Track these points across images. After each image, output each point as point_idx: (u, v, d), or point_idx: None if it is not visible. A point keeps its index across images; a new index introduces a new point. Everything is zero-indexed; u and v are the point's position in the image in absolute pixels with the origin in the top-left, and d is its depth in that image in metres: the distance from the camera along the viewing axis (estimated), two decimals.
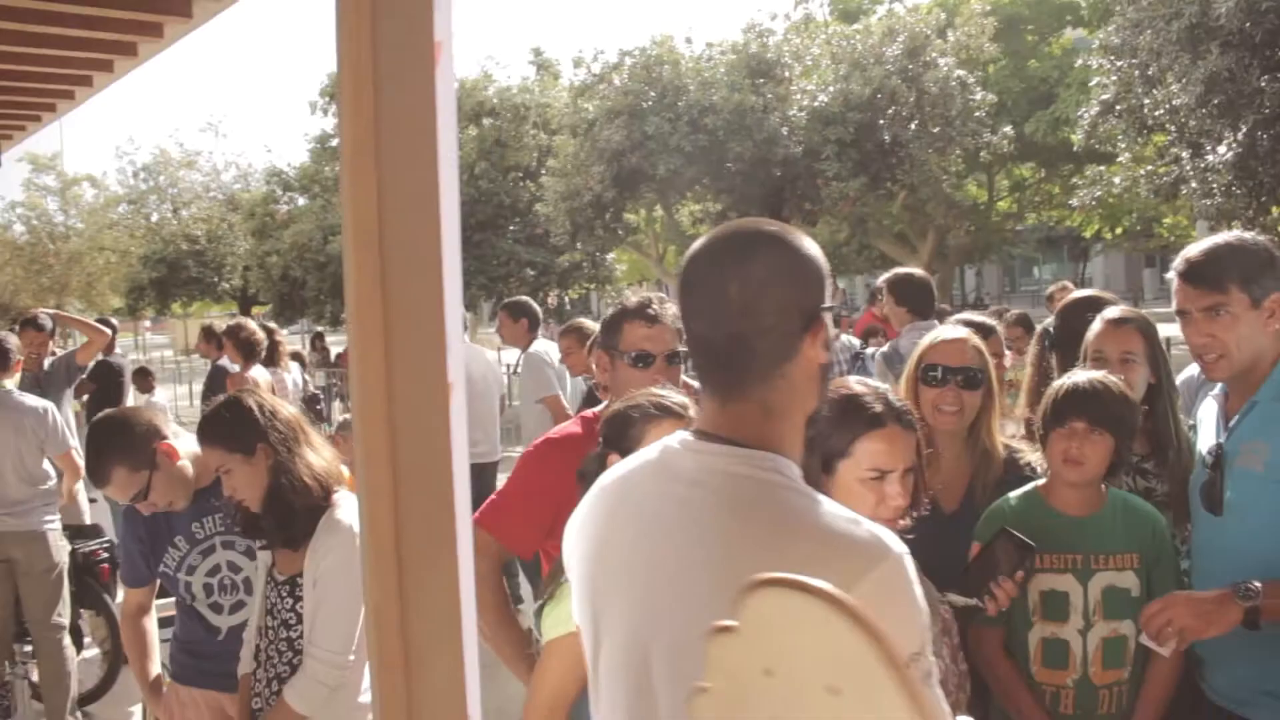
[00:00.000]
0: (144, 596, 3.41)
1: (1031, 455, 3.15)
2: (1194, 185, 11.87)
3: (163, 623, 3.57)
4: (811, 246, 1.62)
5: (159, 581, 3.37)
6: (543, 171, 23.31)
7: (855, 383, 2.37)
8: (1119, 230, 31.40)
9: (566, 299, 29.19)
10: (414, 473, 1.54)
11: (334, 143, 29.10)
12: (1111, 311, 3.39)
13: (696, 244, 1.65)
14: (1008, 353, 5.31)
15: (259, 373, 7.51)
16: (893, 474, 2.26)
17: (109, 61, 3.03)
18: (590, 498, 1.75)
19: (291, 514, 2.83)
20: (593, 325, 6.13)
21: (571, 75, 23.99)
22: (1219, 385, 3.04)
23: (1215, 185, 11.33)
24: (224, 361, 8.67)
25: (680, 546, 1.54)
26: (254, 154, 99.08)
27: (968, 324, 3.78)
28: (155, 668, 3.41)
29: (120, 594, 4.72)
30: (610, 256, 27.34)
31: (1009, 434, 3.35)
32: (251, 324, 7.83)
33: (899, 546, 1.45)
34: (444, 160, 1.51)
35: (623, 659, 1.60)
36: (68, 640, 5.51)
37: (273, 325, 8.00)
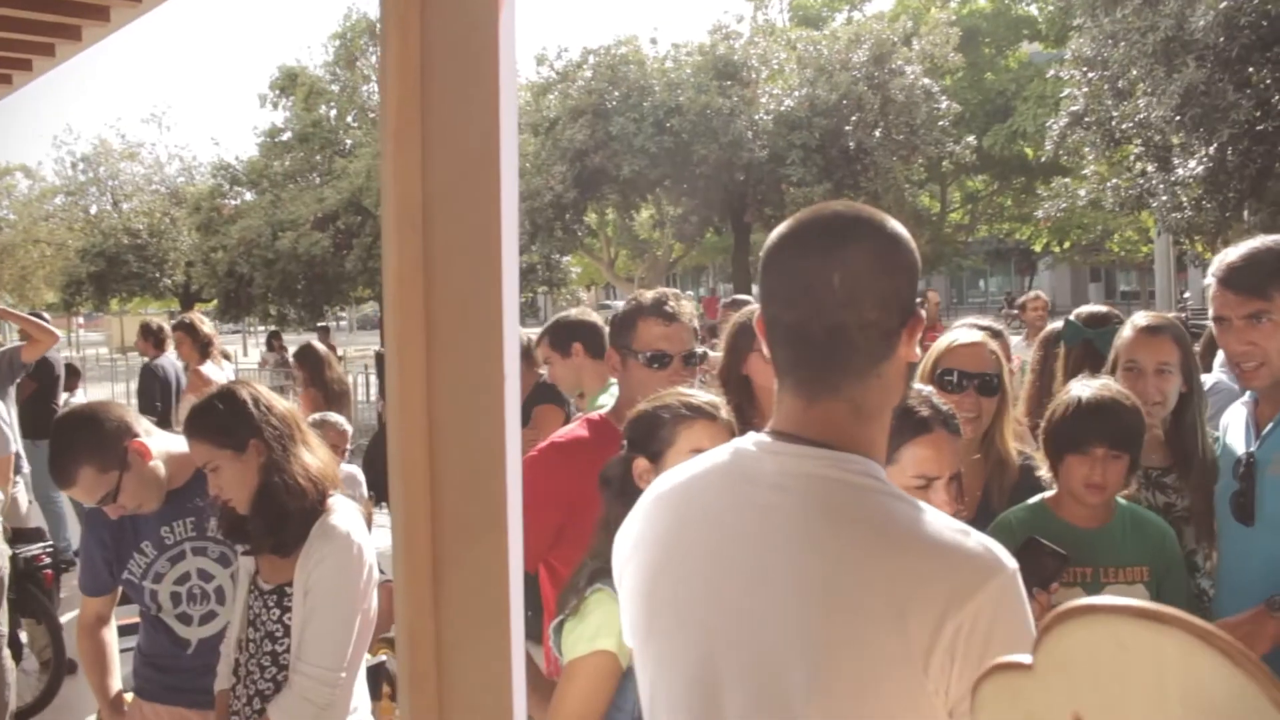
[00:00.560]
0: (103, 606, 3.17)
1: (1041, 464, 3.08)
2: (1162, 198, 11.95)
3: (121, 632, 3.34)
4: (908, 236, 1.49)
5: (120, 590, 3.14)
6: None
7: None
8: (1067, 244, 31.87)
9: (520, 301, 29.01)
10: (458, 474, 1.37)
11: (284, 137, 28.72)
12: (1144, 319, 3.30)
13: (786, 226, 1.50)
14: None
15: (211, 370, 7.25)
16: (939, 480, 2.17)
17: (27, 61, 2.94)
18: (646, 506, 1.59)
19: (284, 517, 2.62)
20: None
21: (534, 73, 23.84)
22: (1248, 393, 2.97)
23: (1185, 199, 11.41)
24: (162, 360, 8.41)
25: (763, 557, 1.39)
26: (199, 147, 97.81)
27: (979, 328, 3.69)
28: (116, 683, 3.16)
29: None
30: (566, 259, 27.21)
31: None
32: (205, 321, 7.58)
33: (1011, 561, 1.33)
34: (505, 124, 1.33)
35: (689, 678, 1.45)
36: (5, 652, 5.21)
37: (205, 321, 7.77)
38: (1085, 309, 3.90)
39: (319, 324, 23.29)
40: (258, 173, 28.72)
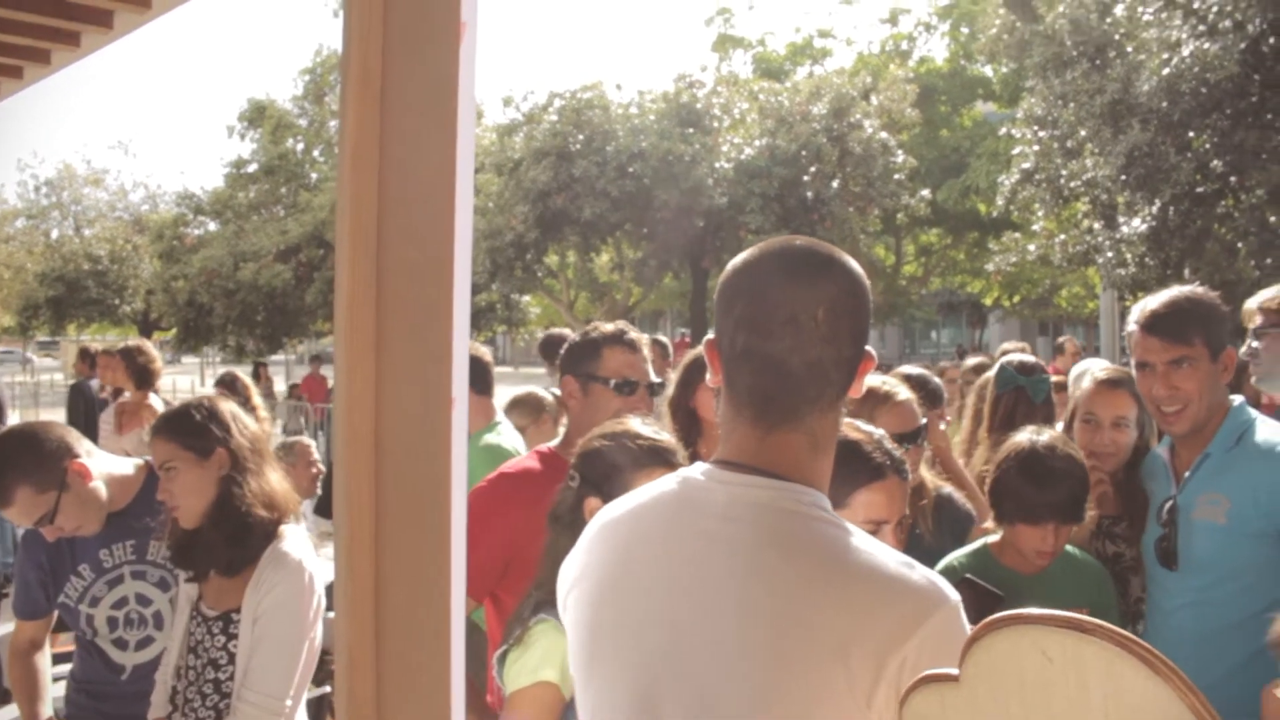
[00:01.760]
0: (38, 630, 3.10)
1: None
2: (1108, 255, 12.19)
3: (56, 659, 3.28)
4: (861, 272, 1.52)
5: (56, 614, 3.08)
6: None
7: (850, 428, 2.27)
8: (1016, 298, 32.29)
9: (477, 339, 28.87)
10: (403, 497, 1.38)
11: (250, 168, 28.60)
12: (1103, 372, 3.37)
13: (755, 255, 1.50)
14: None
15: (155, 401, 7.16)
16: (888, 525, 2.18)
17: (19, 68, 2.84)
18: (593, 534, 1.59)
19: (242, 531, 2.59)
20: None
21: (500, 114, 23.94)
22: (1164, 440, 3.04)
23: (1129, 256, 11.65)
24: (93, 381, 8.34)
25: (708, 586, 1.39)
26: (164, 175, 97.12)
27: (907, 378, 3.79)
28: (46, 709, 3.09)
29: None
30: (525, 299, 27.16)
31: None
32: (152, 349, 7.50)
33: (954, 594, 1.35)
34: (462, 151, 1.36)
35: (630, 705, 1.44)
36: None
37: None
38: (1016, 358, 4.01)
39: (258, 360, 23.11)
40: (222, 203, 28.52)
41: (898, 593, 1.32)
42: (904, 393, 3.14)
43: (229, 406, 2.73)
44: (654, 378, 3.01)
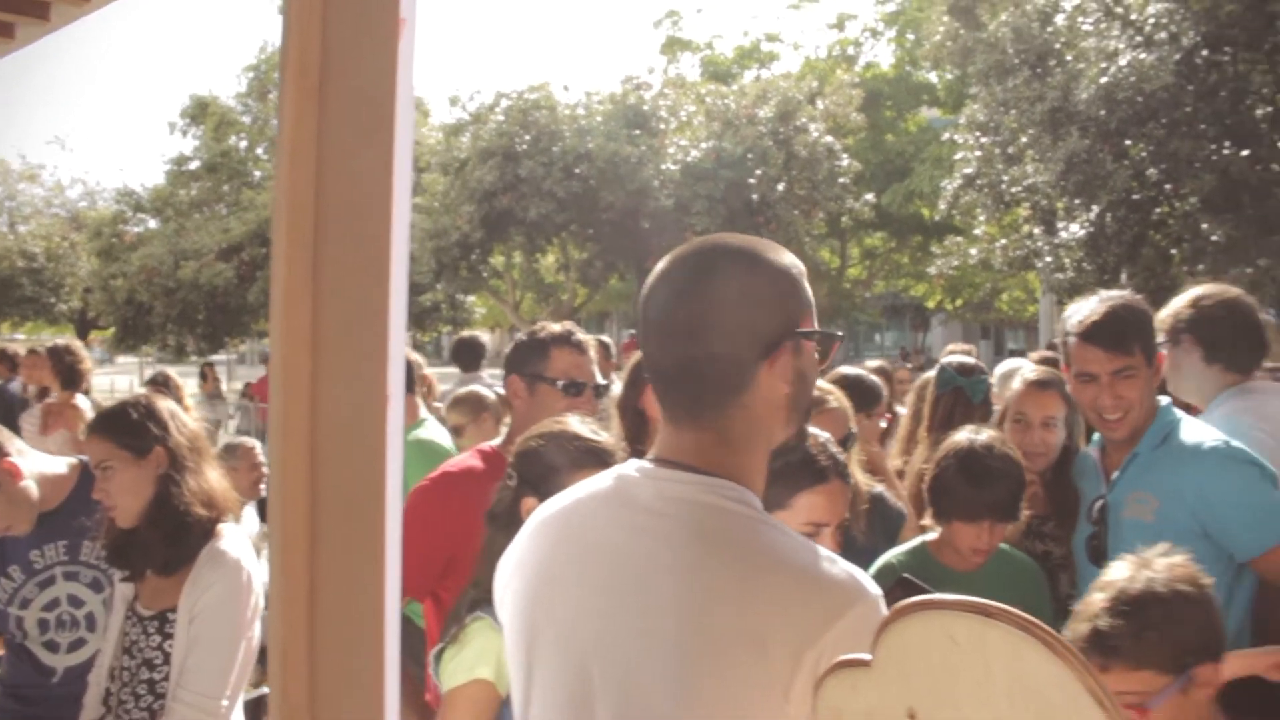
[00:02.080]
0: None
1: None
2: (1047, 259, 12.40)
3: None
4: (783, 267, 1.50)
5: None
6: None
7: None
8: (959, 302, 32.70)
9: (421, 340, 28.68)
10: (338, 494, 1.38)
11: (192, 165, 28.20)
12: (1033, 373, 3.43)
13: (663, 261, 1.53)
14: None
15: (82, 401, 7.05)
16: (828, 528, 2.20)
17: None
18: (529, 531, 1.60)
19: (180, 530, 2.56)
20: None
21: (446, 113, 23.82)
22: (1095, 439, 3.10)
23: (1067, 260, 11.85)
24: (14, 384, 8.26)
25: (637, 580, 1.41)
26: (103, 171, 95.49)
27: (844, 379, 3.84)
28: None
29: None
30: (470, 299, 27.03)
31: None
32: (81, 349, 7.38)
33: (874, 589, 1.37)
34: (400, 148, 1.36)
35: (563, 698, 1.46)
36: None
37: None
38: (955, 359, 4.06)
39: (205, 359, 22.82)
40: (163, 200, 28.07)
41: (817, 586, 1.34)
42: (835, 400, 3.18)
43: (167, 405, 2.70)
44: (599, 379, 3.02)
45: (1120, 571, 2.13)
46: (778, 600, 1.33)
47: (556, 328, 3.03)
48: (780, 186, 19.73)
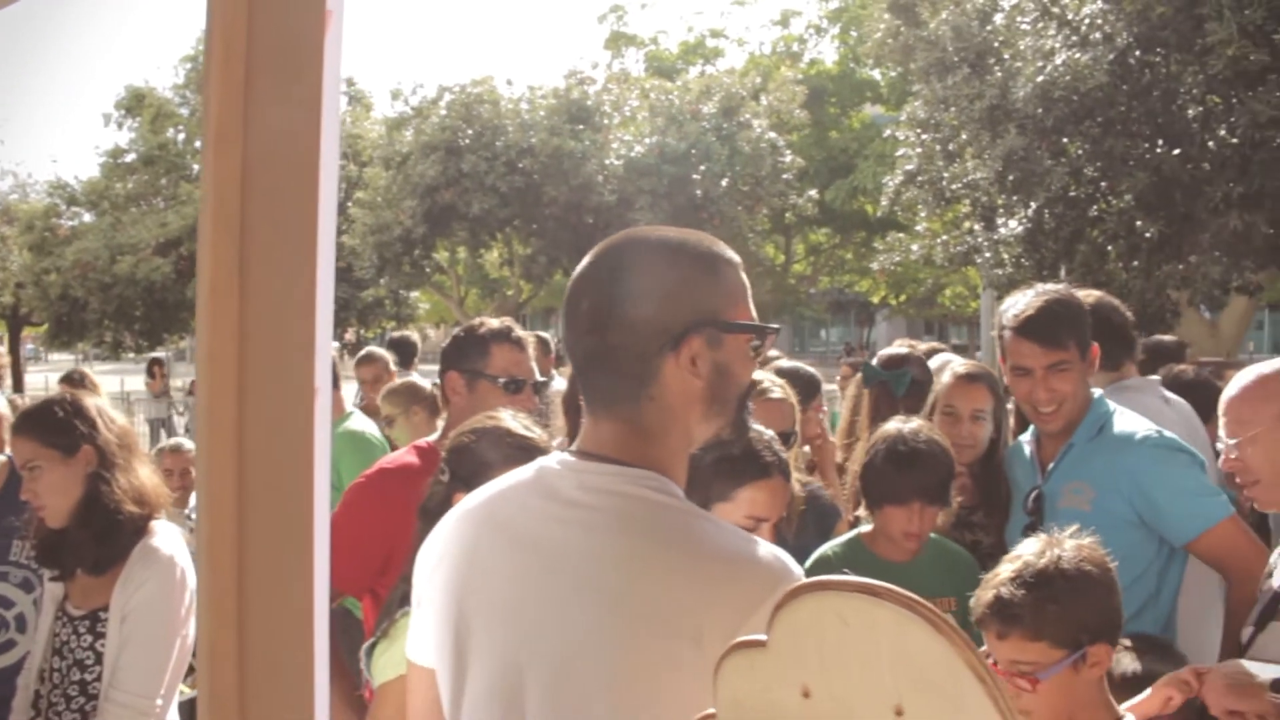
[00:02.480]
0: None
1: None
2: (986, 255, 12.57)
3: None
4: (698, 256, 1.49)
5: None
6: (350, 203, 22.77)
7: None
8: (904, 297, 33.05)
9: (364, 336, 28.44)
10: (266, 487, 1.37)
11: (128, 158, 27.70)
12: (962, 367, 3.48)
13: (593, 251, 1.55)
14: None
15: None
16: (766, 524, 2.23)
17: None
18: (452, 522, 1.60)
19: (111, 529, 2.52)
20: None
21: (388, 108, 23.64)
22: (1029, 431, 3.16)
23: (1006, 256, 12.01)
24: None
25: (564, 570, 1.42)
26: (35, 163, 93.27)
27: (779, 372, 3.86)
28: None
29: None
30: (414, 295, 26.84)
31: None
32: None
33: (799, 569, 1.40)
34: (326, 140, 1.35)
35: (491, 689, 1.46)
36: None
37: None
38: (884, 351, 4.12)
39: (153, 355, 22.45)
40: (98, 194, 27.52)
41: (742, 569, 1.36)
42: (779, 391, 3.19)
43: (94, 401, 2.65)
44: (539, 376, 3.01)
45: (1030, 547, 2.19)
46: (705, 584, 1.35)
47: (495, 323, 3.02)
48: (724, 182, 19.80)
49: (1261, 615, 2.45)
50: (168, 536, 2.58)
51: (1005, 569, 2.14)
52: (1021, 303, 2.99)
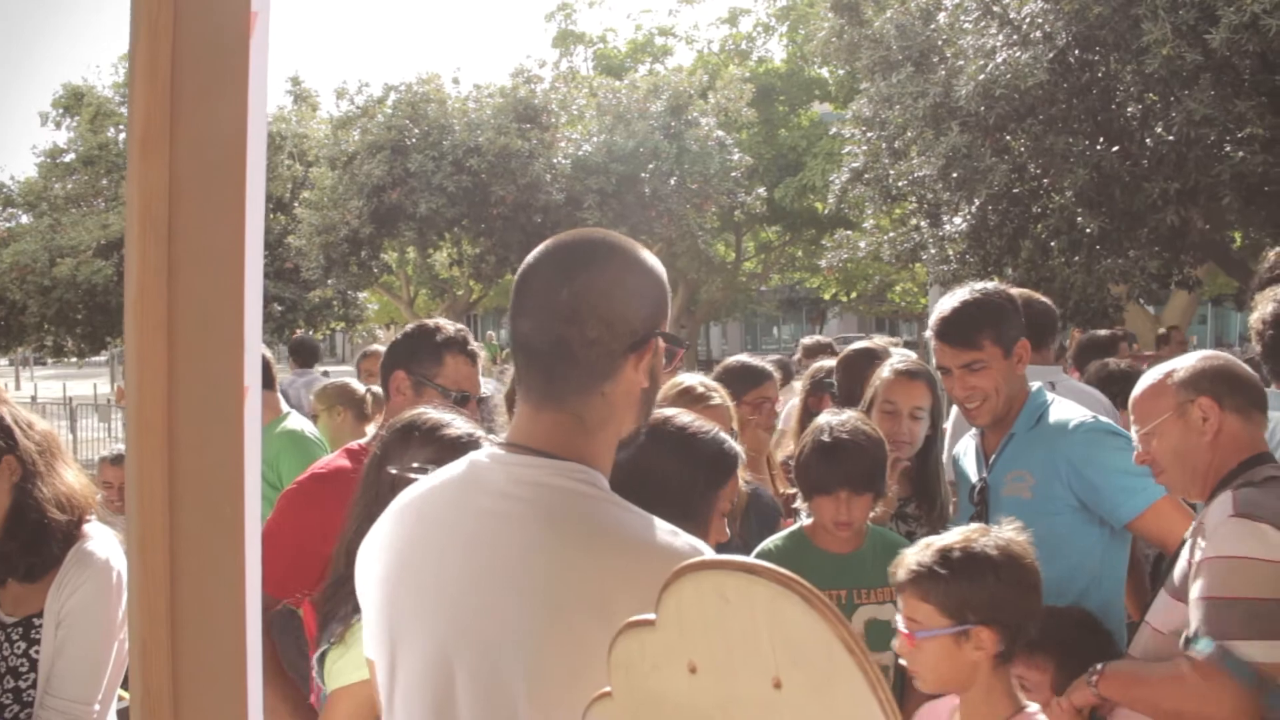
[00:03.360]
0: None
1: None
2: (932, 252, 12.70)
3: None
4: (655, 267, 1.58)
5: None
6: (296, 203, 22.53)
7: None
8: (854, 294, 33.29)
9: (315, 338, 28.16)
10: (196, 485, 1.37)
11: (67, 158, 27.20)
12: (902, 364, 3.55)
13: (540, 246, 1.58)
14: None
15: None
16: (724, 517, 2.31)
17: None
18: (387, 520, 1.63)
19: (41, 536, 2.48)
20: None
21: (333, 107, 23.41)
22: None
23: (951, 253, 12.15)
24: None
25: (491, 561, 1.46)
26: None
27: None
28: None
29: None
30: (362, 296, 26.62)
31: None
32: None
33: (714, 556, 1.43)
34: (253, 140, 1.36)
35: (423, 680, 1.50)
36: None
37: None
38: (809, 339, 4.24)
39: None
40: (36, 194, 27.00)
41: (658, 557, 1.39)
42: (719, 398, 3.24)
43: (9, 410, 2.60)
44: (482, 390, 3.02)
45: (964, 529, 2.32)
46: (622, 572, 1.39)
47: (451, 330, 2.99)
48: (672, 181, 19.85)
49: (1153, 582, 2.57)
50: (103, 540, 2.55)
51: (929, 540, 2.29)
52: (945, 304, 3.10)
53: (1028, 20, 10.63)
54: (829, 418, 3.01)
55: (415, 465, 2.24)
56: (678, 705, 0.95)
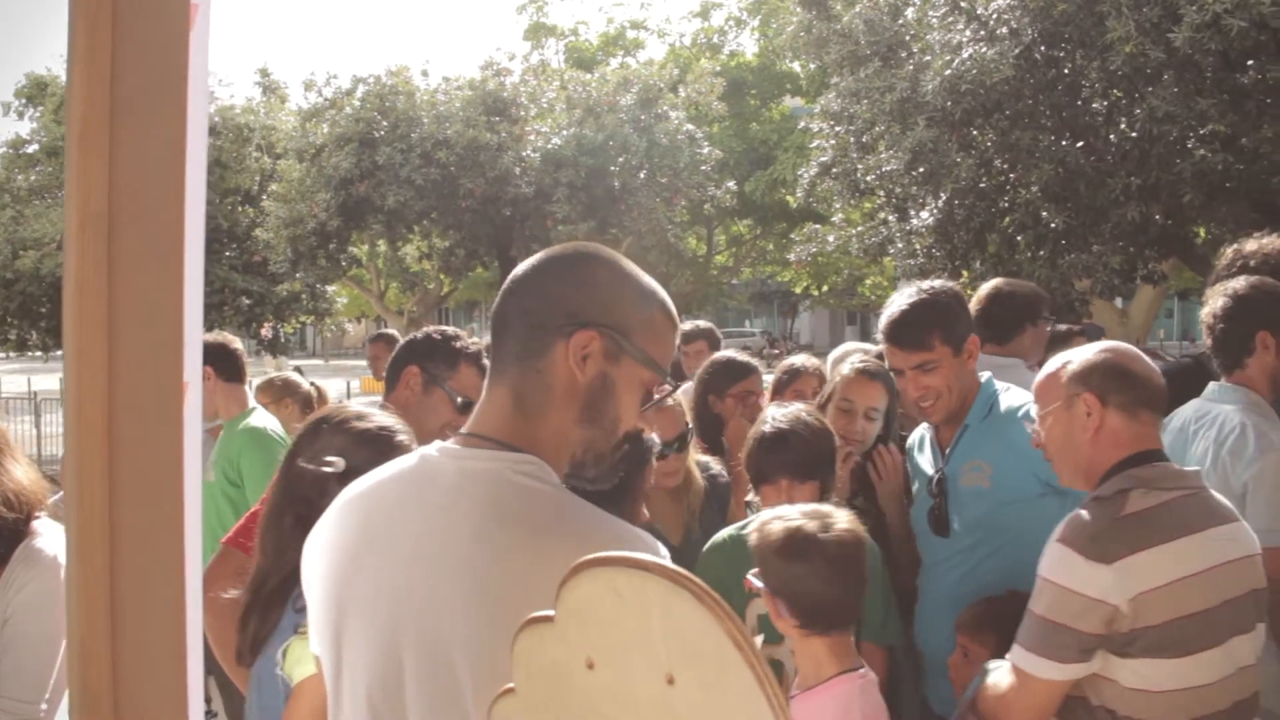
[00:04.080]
0: None
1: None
2: (899, 246, 12.76)
3: None
4: (636, 281, 1.59)
5: None
6: (264, 196, 22.36)
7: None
8: (825, 288, 33.43)
9: (282, 331, 27.97)
10: (136, 484, 1.37)
11: (30, 149, 26.87)
12: (861, 362, 3.59)
13: None
14: None
15: None
16: None
17: None
18: (335, 512, 1.62)
19: None
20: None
21: (302, 99, 23.23)
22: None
23: (918, 247, 12.22)
24: None
25: (438, 555, 1.46)
26: None
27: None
28: None
29: None
30: (331, 289, 26.47)
31: None
32: None
33: (664, 552, 1.44)
34: (193, 135, 1.35)
35: (370, 675, 1.49)
36: None
37: None
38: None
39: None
40: None
41: (606, 548, 1.40)
42: (670, 400, 3.28)
43: None
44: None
45: (796, 511, 2.49)
46: (566, 564, 1.39)
47: (474, 345, 3.08)
48: (642, 174, 19.82)
49: None
50: (52, 537, 2.53)
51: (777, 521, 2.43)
52: (893, 305, 3.14)
53: (994, 16, 10.70)
54: (774, 409, 3.05)
55: (326, 459, 2.25)
56: (577, 701, 0.95)
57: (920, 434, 3.37)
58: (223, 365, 4.57)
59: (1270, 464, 3.00)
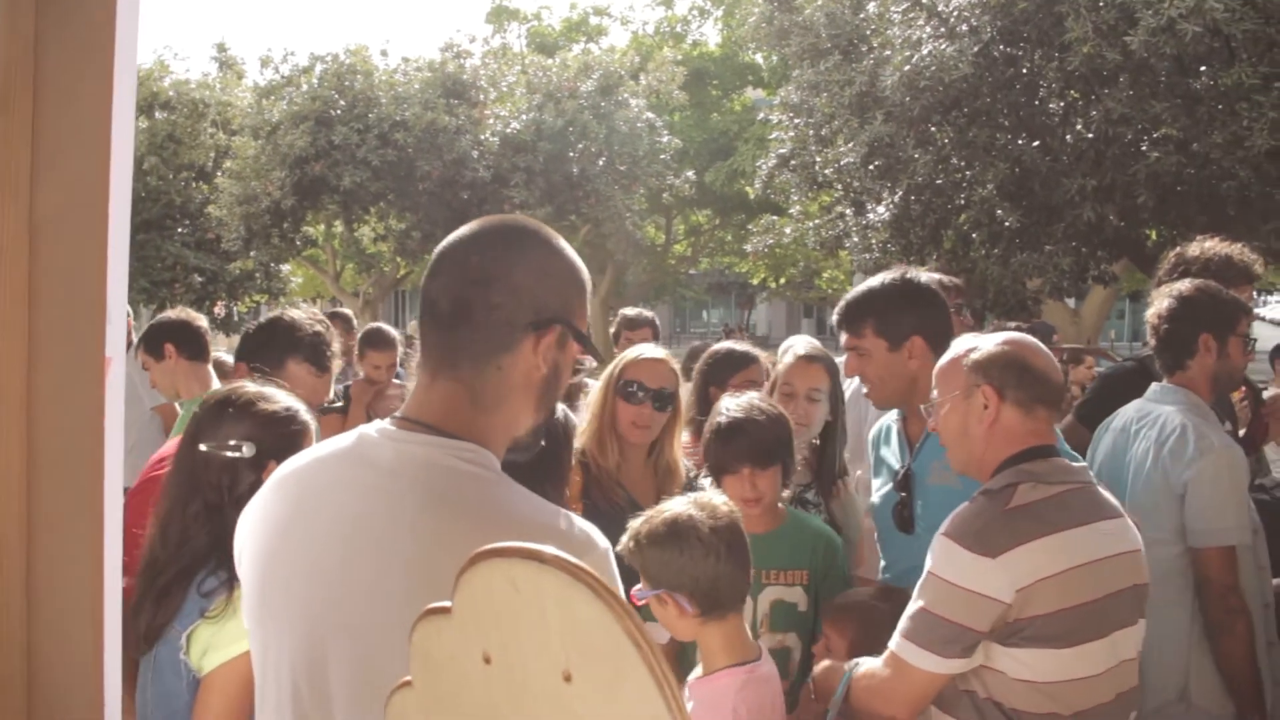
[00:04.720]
0: None
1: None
2: (855, 240, 12.83)
3: None
4: (575, 262, 1.57)
5: None
6: (219, 173, 22.06)
7: None
8: (783, 280, 33.55)
9: (235, 310, 27.64)
10: (54, 457, 1.33)
11: None
12: (802, 348, 3.58)
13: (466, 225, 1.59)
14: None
15: None
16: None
17: None
18: (266, 491, 1.58)
19: None
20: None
21: (258, 75, 22.94)
22: (896, 410, 3.25)
23: (874, 241, 12.28)
24: None
25: (371, 540, 1.42)
26: None
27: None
28: None
29: None
30: (285, 268, 26.18)
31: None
32: None
33: (603, 541, 1.43)
34: (120, 99, 1.31)
35: (298, 656, 1.45)
36: None
37: None
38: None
39: None
40: None
41: (547, 539, 1.37)
42: (660, 353, 3.31)
43: None
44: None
45: (681, 501, 2.42)
46: None
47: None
48: (601, 161, 19.78)
49: None
50: None
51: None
52: (855, 287, 3.13)
53: (955, 13, 10.75)
54: (727, 400, 3.03)
55: (231, 443, 2.19)
56: (473, 696, 0.92)
57: (887, 424, 3.33)
58: (185, 343, 4.45)
59: (1209, 465, 3.04)
